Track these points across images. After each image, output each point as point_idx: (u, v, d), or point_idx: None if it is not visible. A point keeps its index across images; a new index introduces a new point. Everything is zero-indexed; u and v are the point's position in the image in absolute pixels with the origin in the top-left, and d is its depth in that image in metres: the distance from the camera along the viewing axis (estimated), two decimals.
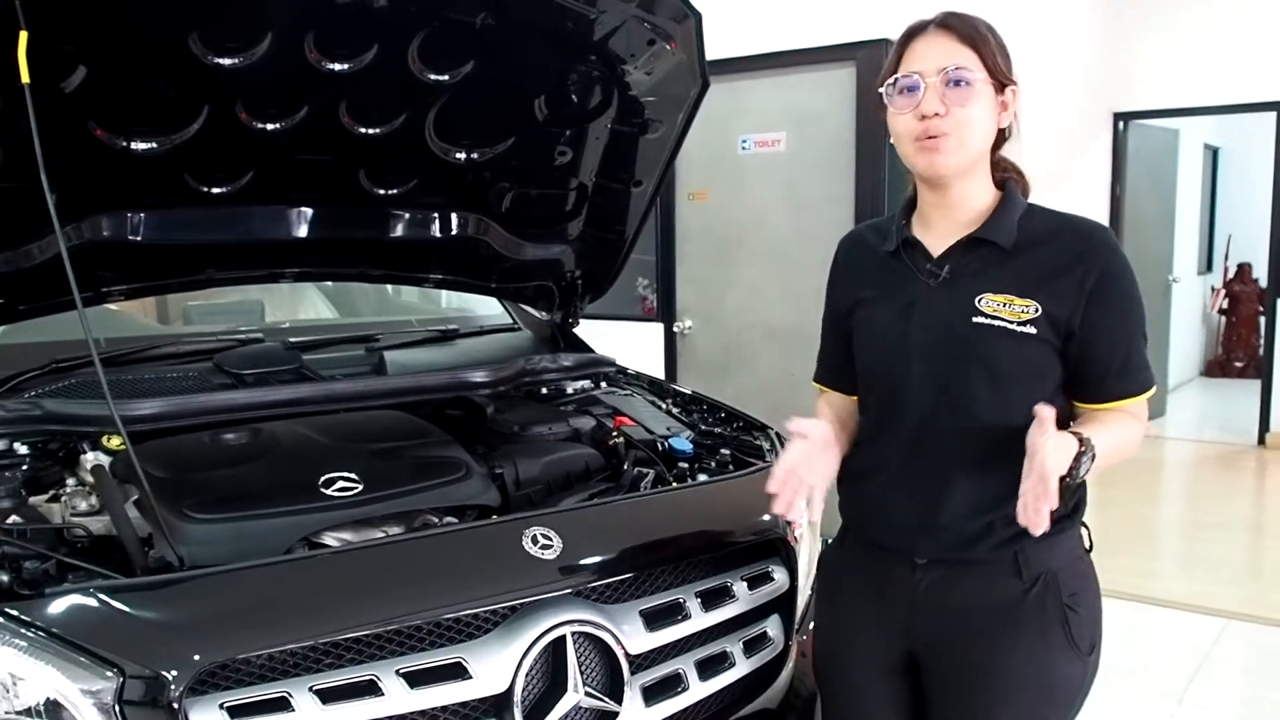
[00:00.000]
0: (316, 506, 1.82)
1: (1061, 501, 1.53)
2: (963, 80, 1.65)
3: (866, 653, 1.84)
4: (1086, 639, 1.73)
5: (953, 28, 1.69)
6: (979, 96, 1.67)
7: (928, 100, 1.66)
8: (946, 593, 1.73)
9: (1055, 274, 1.67)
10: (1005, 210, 1.73)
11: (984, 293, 1.68)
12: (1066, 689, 1.75)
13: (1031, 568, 1.70)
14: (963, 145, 1.67)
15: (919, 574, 1.75)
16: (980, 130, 1.69)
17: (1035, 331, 1.65)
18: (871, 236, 1.88)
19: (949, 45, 1.67)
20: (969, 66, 1.66)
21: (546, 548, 1.77)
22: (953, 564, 1.73)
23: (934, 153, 1.68)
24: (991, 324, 1.67)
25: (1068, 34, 7.08)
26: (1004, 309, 1.67)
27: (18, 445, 1.92)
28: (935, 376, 1.71)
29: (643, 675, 1.81)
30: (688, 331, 5.47)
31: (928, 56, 1.68)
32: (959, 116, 1.66)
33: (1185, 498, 7.01)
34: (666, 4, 2.18)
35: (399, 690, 1.56)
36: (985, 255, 1.71)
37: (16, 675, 1.41)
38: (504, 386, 2.48)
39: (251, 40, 2.00)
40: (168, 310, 3.10)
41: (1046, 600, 1.70)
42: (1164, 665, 3.99)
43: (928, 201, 1.78)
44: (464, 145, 2.46)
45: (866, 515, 1.85)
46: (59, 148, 1.78)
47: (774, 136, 5.05)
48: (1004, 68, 1.70)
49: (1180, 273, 8.93)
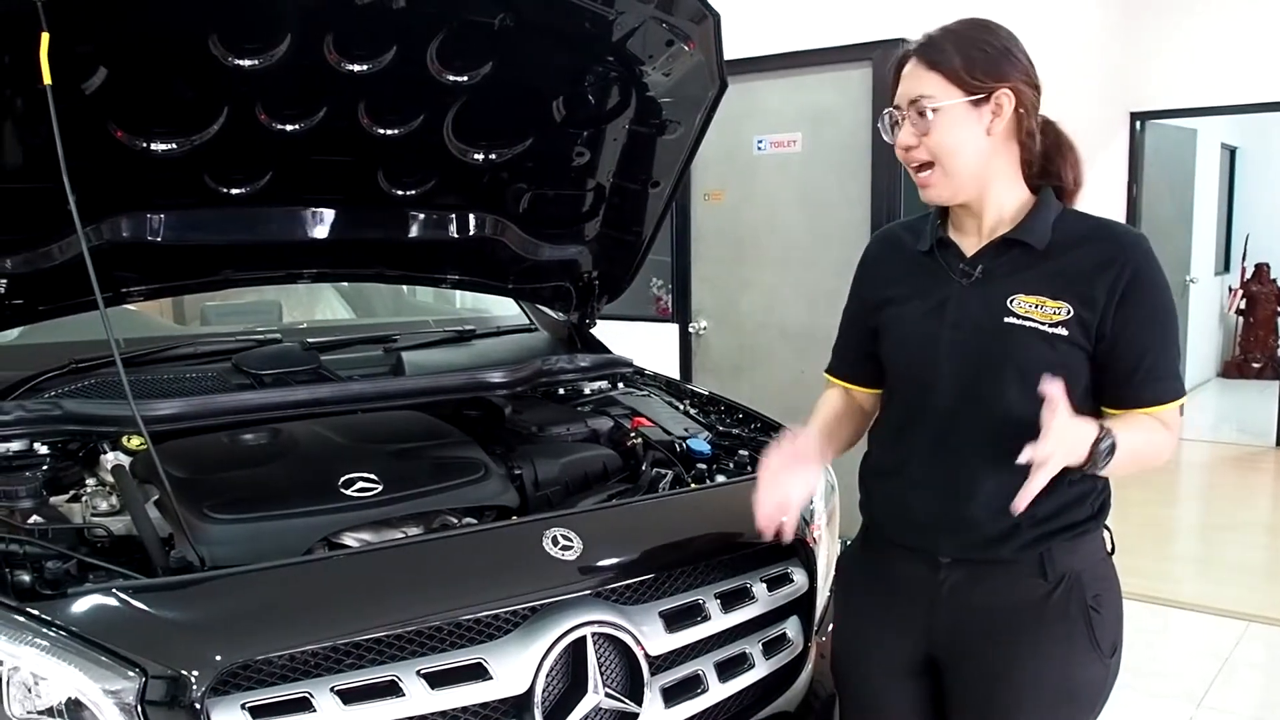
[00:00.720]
0: (336, 507, 1.83)
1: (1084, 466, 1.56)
2: (924, 110, 1.67)
3: (886, 653, 1.83)
4: (1109, 640, 1.73)
5: (920, 55, 1.70)
6: (948, 121, 1.67)
7: (902, 134, 1.71)
8: (969, 593, 1.73)
9: (1088, 277, 1.66)
10: (1039, 213, 1.73)
11: (1016, 293, 1.68)
12: (1088, 691, 1.74)
13: (1057, 568, 1.70)
14: (948, 173, 1.69)
15: (942, 574, 1.74)
16: (964, 152, 1.69)
17: (1066, 333, 1.65)
18: (905, 235, 1.88)
19: (918, 74, 1.69)
20: (931, 94, 1.67)
21: (567, 548, 1.77)
22: (976, 564, 1.72)
23: (924, 186, 1.73)
24: (1023, 324, 1.66)
25: (1085, 33, 7.05)
26: (1036, 310, 1.66)
27: (38, 445, 1.94)
28: (964, 376, 1.71)
29: (662, 676, 1.81)
30: (703, 332, 5.46)
31: (904, 89, 1.71)
32: (931, 146, 1.68)
33: (1203, 500, 6.97)
34: (685, 5, 2.18)
35: (420, 691, 1.56)
36: (1018, 256, 1.71)
37: (39, 675, 1.41)
38: (521, 387, 2.48)
39: (271, 42, 2.01)
40: (184, 311, 3.12)
41: (1070, 601, 1.70)
42: (1183, 668, 3.97)
43: (957, 210, 1.78)
44: (482, 146, 2.47)
45: (889, 514, 1.84)
46: (80, 149, 1.79)
47: (789, 137, 5.04)
48: (982, 76, 1.67)
49: (1198, 273, 8.89)
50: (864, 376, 1.94)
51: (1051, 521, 1.68)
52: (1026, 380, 1.64)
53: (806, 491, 1.82)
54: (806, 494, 1.82)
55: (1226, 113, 7.86)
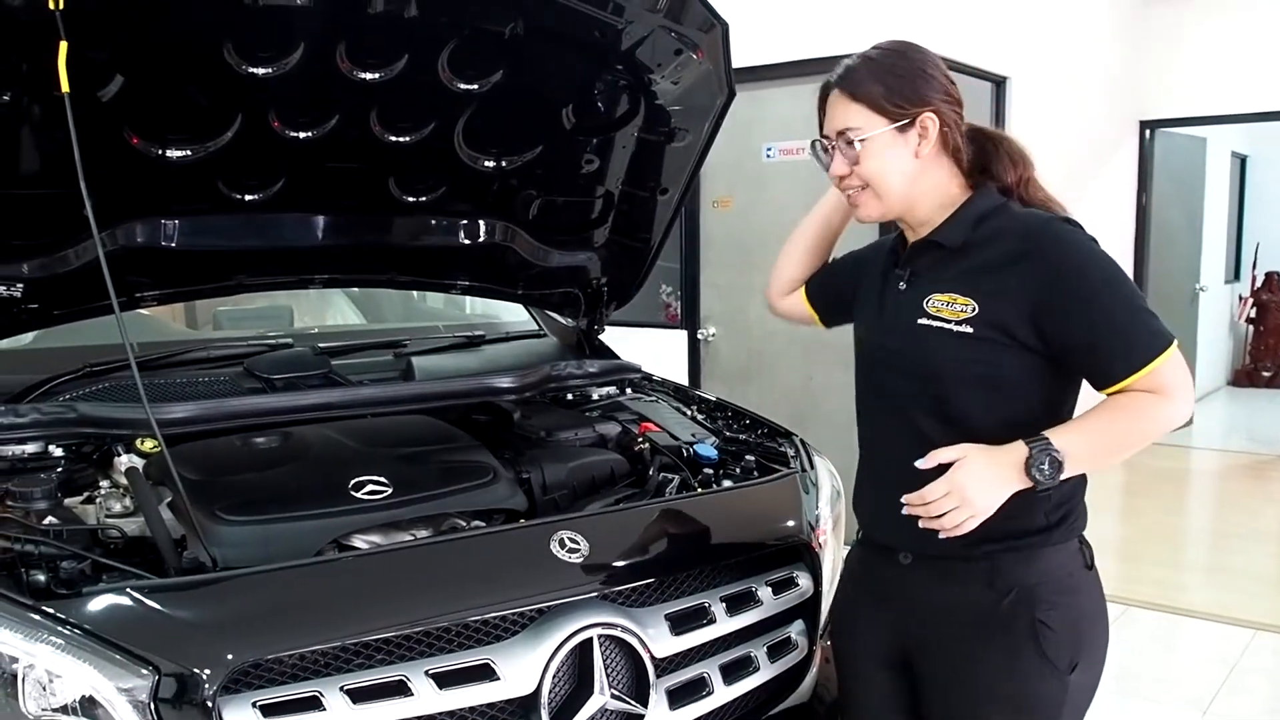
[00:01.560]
0: (346, 509, 1.85)
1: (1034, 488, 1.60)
2: (853, 140, 1.72)
3: (866, 647, 1.89)
4: (1065, 657, 1.70)
5: (841, 86, 1.74)
6: (877, 148, 1.71)
7: (835, 164, 1.77)
8: (930, 592, 1.76)
9: (993, 271, 1.67)
10: (960, 212, 1.75)
11: (932, 294, 1.72)
12: (1043, 706, 1.72)
13: (1004, 579, 1.70)
14: (880, 195, 1.76)
15: (907, 572, 1.79)
16: (892, 176, 1.73)
17: (972, 331, 1.65)
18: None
19: (842, 105, 1.74)
20: (857, 125, 1.72)
21: (574, 551, 1.78)
22: (933, 561, 1.75)
23: (854, 205, 1.80)
24: (932, 324, 1.70)
25: (1094, 42, 7.05)
26: (946, 309, 1.69)
27: (53, 448, 1.96)
28: (893, 376, 1.78)
29: (668, 678, 1.83)
30: (711, 338, 5.48)
31: (831, 119, 1.77)
32: (861, 173, 1.74)
33: (1212, 508, 6.95)
34: (694, 14, 2.19)
35: (428, 691, 1.58)
36: (935, 256, 1.76)
37: (53, 672, 1.43)
38: (530, 392, 2.50)
39: (284, 50, 2.03)
40: (196, 315, 3.14)
41: (1017, 615, 1.69)
42: (1190, 676, 3.96)
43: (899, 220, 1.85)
44: (492, 153, 2.48)
45: (862, 511, 1.91)
46: (96, 155, 1.81)
47: (798, 144, 5.05)
48: (903, 102, 1.70)
49: (1207, 281, 8.87)
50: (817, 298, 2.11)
51: (994, 527, 1.63)
52: (943, 381, 1.68)
53: None
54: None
55: (1236, 121, 7.86)
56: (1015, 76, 5.97)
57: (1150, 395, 1.61)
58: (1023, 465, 1.58)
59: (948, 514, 1.59)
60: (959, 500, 1.58)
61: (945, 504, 1.59)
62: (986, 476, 1.59)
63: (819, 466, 2.31)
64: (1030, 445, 1.59)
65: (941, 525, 1.60)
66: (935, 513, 1.60)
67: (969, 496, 1.58)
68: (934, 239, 1.75)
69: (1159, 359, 1.60)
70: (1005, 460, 1.59)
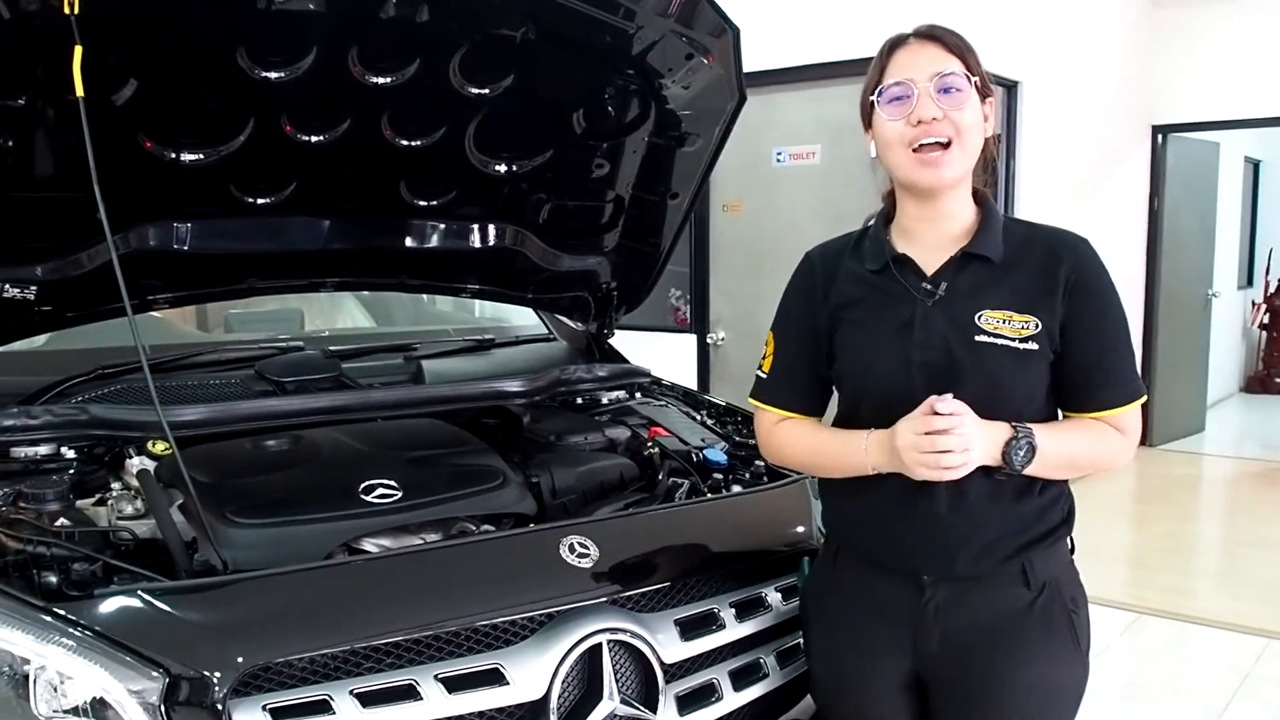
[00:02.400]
0: (356, 513, 1.85)
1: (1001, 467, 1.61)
2: (953, 87, 1.66)
3: (873, 674, 1.79)
4: (1085, 638, 1.76)
5: (938, 38, 1.69)
6: (972, 101, 1.67)
7: (922, 106, 1.65)
8: (956, 611, 1.71)
9: (1038, 285, 1.67)
10: (989, 224, 1.73)
11: (983, 310, 1.67)
12: (1073, 690, 1.76)
13: (1038, 576, 1.71)
14: (965, 151, 1.68)
15: (927, 594, 1.71)
16: (978, 134, 1.69)
17: (1036, 347, 1.65)
18: (843, 254, 1.84)
19: (936, 53, 1.68)
20: (958, 72, 1.67)
21: (583, 556, 1.78)
22: (961, 581, 1.71)
23: (936, 165, 1.66)
24: (994, 342, 1.66)
25: (1106, 45, 7.04)
26: (1004, 325, 1.66)
27: (65, 449, 1.97)
28: (933, 394, 1.64)
29: (677, 684, 1.82)
30: (721, 343, 5.48)
31: (915, 65, 1.68)
32: (957, 120, 1.66)
33: (1225, 515, 6.92)
34: (704, 19, 2.20)
35: (437, 695, 1.58)
36: (979, 270, 1.70)
37: (65, 674, 1.44)
38: (540, 396, 2.50)
39: (297, 54, 2.04)
40: (207, 318, 3.15)
41: (1053, 606, 1.71)
42: (1203, 684, 3.94)
43: (912, 215, 1.75)
44: (503, 157, 2.49)
45: (864, 534, 1.80)
46: (109, 159, 1.82)
47: (808, 149, 5.06)
48: (985, 79, 1.71)
49: (1220, 287, 8.84)
50: (816, 404, 1.86)
51: (1031, 529, 1.70)
52: (998, 397, 1.65)
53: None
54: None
55: (1249, 126, 7.83)
56: (1027, 81, 5.95)
57: (1115, 430, 1.71)
58: (1003, 444, 1.61)
59: (948, 453, 1.56)
60: (969, 442, 1.57)
61: (959, 437, 1.56)
62: (979, 438, 1.60)
63: None
64: (1015, 429, 1.61)
65: (937, 462, 1.58)
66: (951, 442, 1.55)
67: (972, 445, 1.58)
68: (977, 252, 1.70)
69: (1137, 402, 1.72)
70: (990, 433, 1.61)
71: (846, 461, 1.74)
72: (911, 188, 1.72)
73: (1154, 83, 7.55)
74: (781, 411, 1.87)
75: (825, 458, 1.80)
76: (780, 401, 1.87)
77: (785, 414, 1.87)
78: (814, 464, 1.85)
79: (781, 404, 1.87)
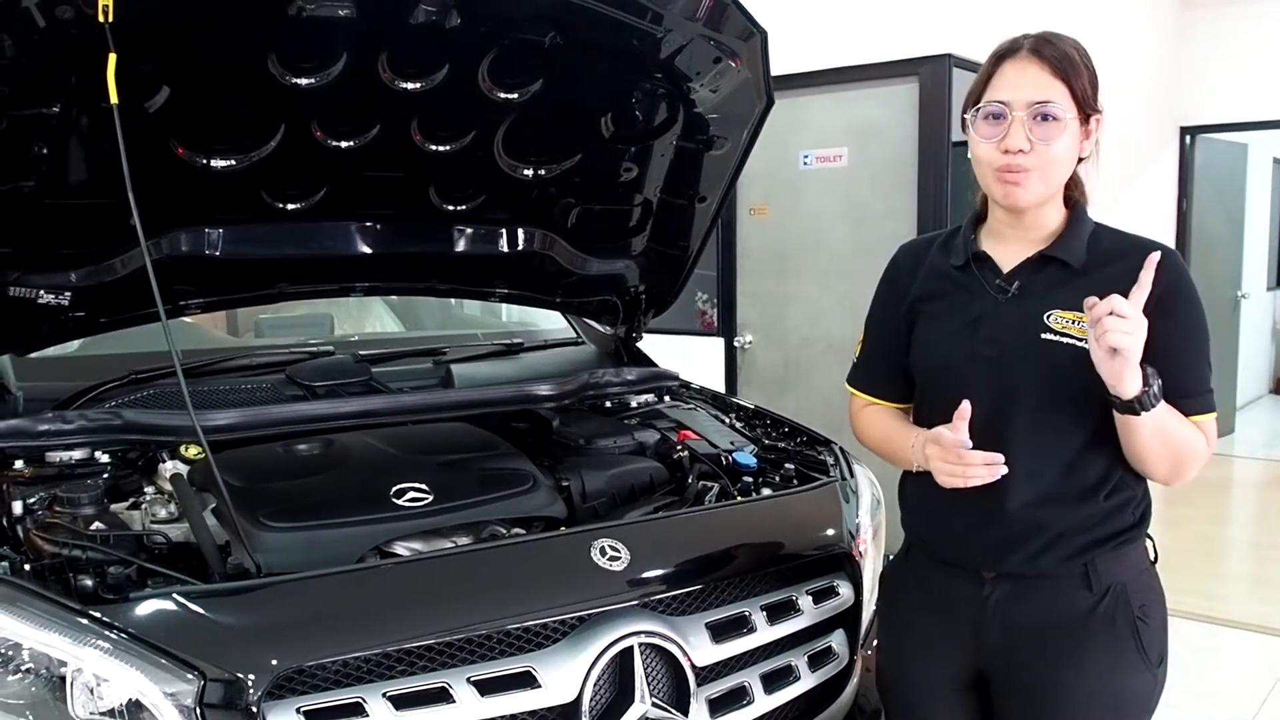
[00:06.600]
0: (388, 516, 1.86)
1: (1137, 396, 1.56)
2: (1050, 116, 1.64)
3: (934, 671, 1.83)
4: (1156, 650, 1.73)
5: (1046, 58, 1.65)
6: (1066, 132, 1.66)
7: (1013, 135, 1.65)
8: (1016, 608, 1.72)
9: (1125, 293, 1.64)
10: (1075, 229, 1.73)
11: (1054, 309, 1.69)
12: (1137, 702, 1.74)
13: (1101, 579, 1.70)
14: (1045, 181, 1.68)
15: (987, 589, 1.74)
16: (1064, 166, 1.69)
17: None
18: (932, 249, 1.88)
19: (1040, 77, 1.65)
20: (1058, 101, 1.64)
21: (615, 559, 1.78)
22: (1021, 578, 1.72)
23: (1015, 186, 1.67)
24: (1061, 340, 1.67)
25: (1134, 46, 6.99)
26: (1073, 326, 1.66)
27: (100, 454, 1.99)
28: (997, 390, 1.70)
29: (708, 687, 1.82)
30: (748, 346, 5.46)
31: (1018, 86, 1.65)
32: (1043, 154, 1.65)
33: (1255, 517, 6.85)
34: (732, 23, 2.19)
35: (470, 698, 1.58)
36: (1055, 273, 1.72)
37: (101, 676, 1.45)
38: (569, 400, 2.51)
39: (327, 61, 2.05)
40: (237, 323, 3.17)
41: (1117, 612, 1.70)
42: (1235, 688, 3.91)
43: (1001, 220, 1.78)
44: (531, 162, 2.50)
45: (930, 529, 1.85)
46: (142, 166, 1.84)
47: (835, 152, 5.03)
48: (1092, 97, 1.68)
49: (1249, 288, 8.76)
50: (899, 392, 1.92)
51: (1093, 531, 1.69)
52: (1059, 396, 1.65)
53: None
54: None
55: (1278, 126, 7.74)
56: None
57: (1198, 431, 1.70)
58: (1144, 377, 1.57)
59: (1112, 333, 1.52)
60: (1135, 327, 1.52)
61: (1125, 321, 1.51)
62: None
63: (859, 475, 2.30)
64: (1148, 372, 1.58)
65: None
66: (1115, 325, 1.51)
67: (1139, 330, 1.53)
68: (1056, 255, 1.71)
69: (1210, 416, 1.71)
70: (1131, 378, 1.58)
71: (905, 456, 1.81)
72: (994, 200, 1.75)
73: (1182, 84, 7.49)
74: (867, 397, 1.96)
75: (890, 446, 1.88)
76: (866, 387, 1.97)
77: (870, 399, 1.96)
78: (884, 451, 1.92)
79: (867, 389, 1.97)
